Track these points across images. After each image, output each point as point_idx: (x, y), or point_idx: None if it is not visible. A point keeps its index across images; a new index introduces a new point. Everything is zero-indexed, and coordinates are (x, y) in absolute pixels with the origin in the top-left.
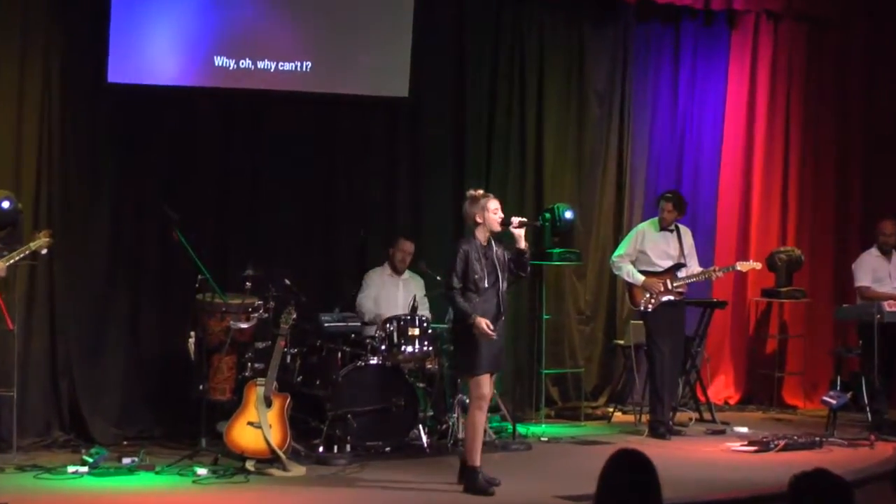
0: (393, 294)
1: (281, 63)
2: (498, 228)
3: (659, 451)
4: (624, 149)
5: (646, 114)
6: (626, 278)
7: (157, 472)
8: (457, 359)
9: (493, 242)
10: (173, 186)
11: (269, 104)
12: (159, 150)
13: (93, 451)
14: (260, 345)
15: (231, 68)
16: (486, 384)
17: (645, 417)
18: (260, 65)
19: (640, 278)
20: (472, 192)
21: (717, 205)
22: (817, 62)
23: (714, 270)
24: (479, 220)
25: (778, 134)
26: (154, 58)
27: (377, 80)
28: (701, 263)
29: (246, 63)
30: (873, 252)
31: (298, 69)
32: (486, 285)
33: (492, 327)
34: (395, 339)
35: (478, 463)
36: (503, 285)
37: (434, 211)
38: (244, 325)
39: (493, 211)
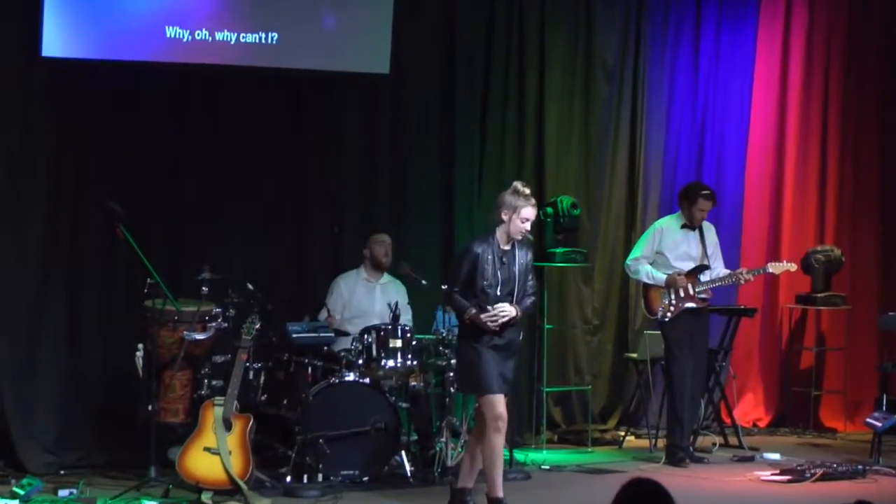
0: (367, 299)
1: (242, 34)
2: (518, 237)
3: (678, 481)
4: (637, 133)
5: (662, 92)
6: (646, 280)
7: None
8: (462, 376)
9: (517, 246)
10: (118, 177)
11: (229, 82)
12: (102, 135)
13: (24, 481)
14: (218, 359)
15: (185, 40)
16: (500, 403)
17: (661, 442)
18: (218, 36)
19: (663, 277)
20: (520, 184)
21: (744, 198)
22: (860, 32)
23: (741, 273)
24: (504, 217)
25: (814, 116)
26: (95, 28)
27: (353, 54)
28: (726, 265)
29: (202, 34)
30: None
31: (263, 41)
32: (498, 294)
33: (497, 316)
34: (374, 353)
35: (501, 494)
36: (521, 299)
37: (419, 204)
38: (200, 336)
39: (523, 219)
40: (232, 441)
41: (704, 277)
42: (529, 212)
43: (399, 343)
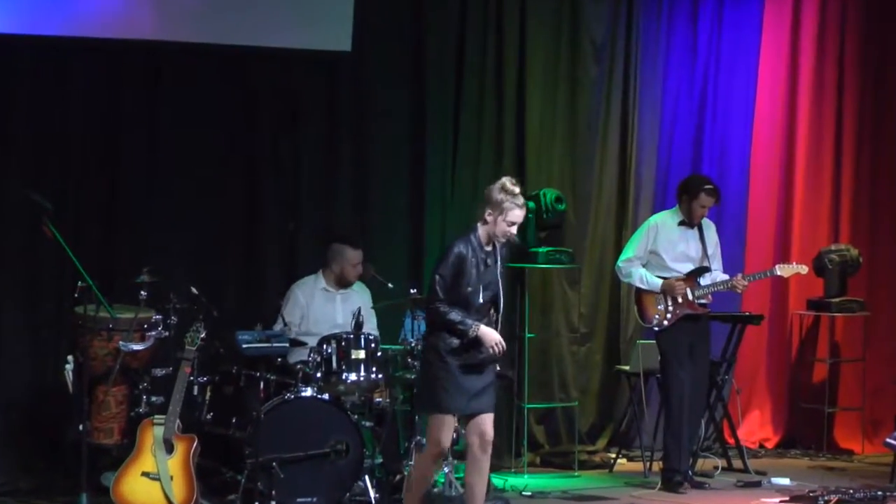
0: (327, 311)
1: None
2: (501, 240)
3: None
4: (629, 119)
5: (657, 73)
6: (640, 284)
7: None
8: (423, 392)
9: (498, 247)
10: (44, 167)
11: (170, 60)
12: (24, 120)
13: None
14: (158, 372)
15: (119, 13)
16: (446, 426)
17: (657, 465)
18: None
19: (658, 282)
20: (509, 181)
21: (749, 191)
22: (879, 6)
23: (738, 280)
24: (488, 218)
25: (828, 98)
26: None
27: (311, 30)
28: (729, 266)
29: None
30: None
31: (207, 13)
32: (481, 301)
33: (503, 343)
34: (335, 365)
35: None
36: (502, 305)
37: (384, 199)
38: (138, 347)
39: (510, 222)
40: (174, 465)
41: (705, 281)
42: (518, 214)
43: (362, 354)
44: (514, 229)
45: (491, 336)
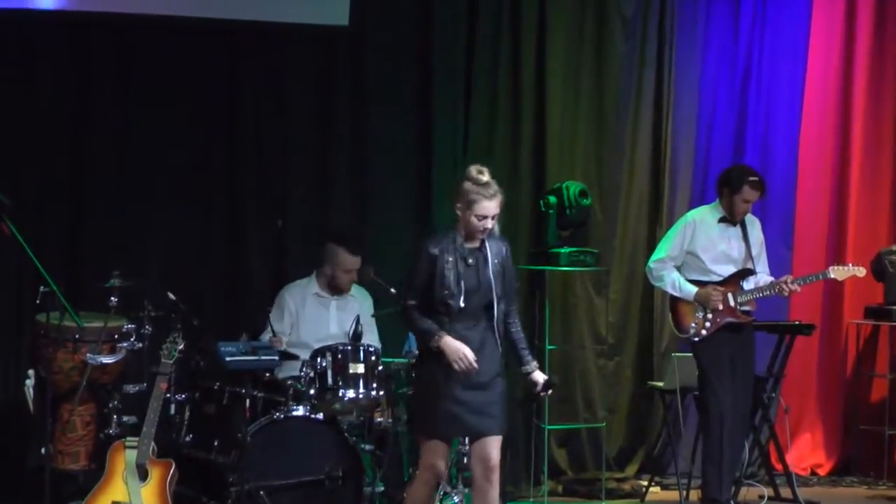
0: (320, 319)
1: None
2: (474, 239)
3: None
4: (663, 102)
5: (694, 51)
6: (672, 291)
7: None
8: (412, 407)
9: (488, 242)
10: (2, 158)
11: (145, 36)
12: None
13: None
14: (130, 388)
15: None
16: (438, 452)
17: (695, 494)
18: None
19: (692, 290)
20: (475, 169)
21: (797, 185)
22: None
23: (785, 283)
24: (458, 212)
25: (888, 82)
26: None
27: (304, 2)
28: (774, 269)
29: None
30: None
31: None
32: (463, 305)
33: (471, 357)
34: (330, 380)
35: None
36: (499, 311)
37: (386, 192)
38: (107, 360)
39: (479, 216)
40: (148, 493)
41: (748, 285)
42: (486, 206)
43: (361, 368)
44: (488, 223)
45: (454, 350)
